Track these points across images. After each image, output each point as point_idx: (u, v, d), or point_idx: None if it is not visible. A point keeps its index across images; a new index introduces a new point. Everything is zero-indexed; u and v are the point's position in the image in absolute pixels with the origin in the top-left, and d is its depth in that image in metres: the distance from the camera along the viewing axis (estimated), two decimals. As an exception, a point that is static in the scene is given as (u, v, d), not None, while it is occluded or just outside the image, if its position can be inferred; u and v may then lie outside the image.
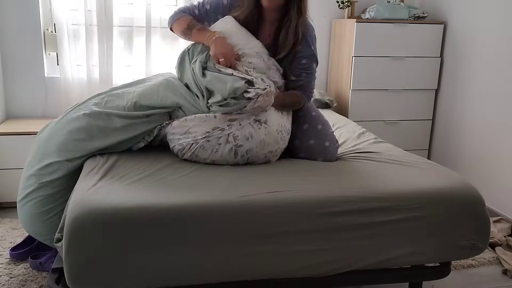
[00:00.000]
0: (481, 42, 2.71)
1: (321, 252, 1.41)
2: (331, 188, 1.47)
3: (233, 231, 1.35)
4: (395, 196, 1.47)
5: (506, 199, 2.54)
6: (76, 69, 2.84)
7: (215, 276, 1.37)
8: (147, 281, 1.32)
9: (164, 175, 1.52)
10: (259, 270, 1.39)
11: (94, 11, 2.77)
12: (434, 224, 1.49)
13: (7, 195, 2.57)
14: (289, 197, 1.41)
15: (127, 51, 2.98)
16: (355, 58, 2.93)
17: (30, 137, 2.53)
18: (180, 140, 1.69)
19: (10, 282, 1.85)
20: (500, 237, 2.29)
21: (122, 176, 1.48)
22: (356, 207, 1.42)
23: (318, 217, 1.40)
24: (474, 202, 1.53)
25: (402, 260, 1.49)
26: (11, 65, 2.80)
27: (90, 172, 1.53)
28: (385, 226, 1.44)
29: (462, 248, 1.54)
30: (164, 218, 1.31)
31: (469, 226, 1.52)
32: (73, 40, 2.81)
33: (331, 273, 1.43)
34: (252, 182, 1.49)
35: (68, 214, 1.31)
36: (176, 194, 1.38)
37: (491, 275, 2.06)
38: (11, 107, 2.86)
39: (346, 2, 3.06)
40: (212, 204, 1.35)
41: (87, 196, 1.35)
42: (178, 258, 1.32)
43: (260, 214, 1.36)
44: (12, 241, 2.17)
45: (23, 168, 1.80)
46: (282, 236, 1.38)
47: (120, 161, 1.63)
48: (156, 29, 2.91)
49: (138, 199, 1.34)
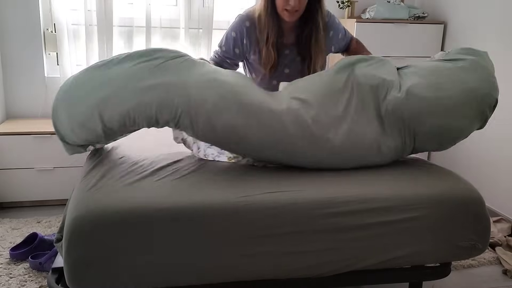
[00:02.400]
0: (481, 42, 2.71)
1: (322, 253, 1.41)
2: (331, 189, 1.47)
3: (233, 232, 1.35)
4: (395, 197, 1.47)
5: (506, 199, 2.54)
6: (76, 69, 2.84)
7: (215, 276, 1.37)
8: (147, 281, 1.32)
9: (164, 175, 1.51)
10: (259, 270, 1.39)
11: (94, 11, 2.77)
12: (434, 225, 1.48)
13: (7, 195, 2.57)
14: (289, 197, 1.41)
15: (127, 51, 2.97)
16: (355, 58, 2.93)
17: (30, 137, 2.53)
18: (219, 157, 1.69)
19: (10, 282, 1.85)
20: (500, 237, 2.29)
21: (122, 176, 1.48)
22: (356, 207, 1.42)
23: (319, 218, 1.40)
24: (474, 202, 1.53)
25: (402, 260, 1.49)
26: (11, 65, 2.80)
27: (90, 172, 1.52)
28: (385, 227, 1.44)
29: (462, 249, 1.53)
30: (164, 218, 1.31)
31: (469, 227, 1.52)
32: (73, 40, 2.81)
33: (331, 273, 1.43)
34: (252, 182, 1.49)
35: (68, 214, 1.32)
36: (176, 194, 1.38)
37: (491, 275, 2.06)
38: (11, 107, 2.86)
39: (346, 2, 3.07)
40: (212, 204, 1.35)
41: (87, 196, 1.35)
42: (178, 258, 1.32)
43: (260, 215, 1.36)
44: (12, 241, 2.17)
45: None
46: (282, 236, 1.38)
47: (120, 161, 1.63)
48: (156, 29, 2.91)
49: (138, 199, 1.34)
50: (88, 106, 1.49)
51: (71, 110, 1.52)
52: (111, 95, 1.49)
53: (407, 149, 1.63)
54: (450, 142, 1.65)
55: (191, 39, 3.00)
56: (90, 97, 1.50)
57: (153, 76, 1.50)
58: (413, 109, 1.57)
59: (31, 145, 2.53)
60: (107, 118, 1.49)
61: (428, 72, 1.64)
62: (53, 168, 2.57)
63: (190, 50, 3.01)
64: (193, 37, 3.01)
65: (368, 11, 3.04)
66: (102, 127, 1.50)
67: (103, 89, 1.50)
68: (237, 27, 1.97)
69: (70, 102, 1.53)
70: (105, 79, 1.51)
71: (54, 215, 2.48)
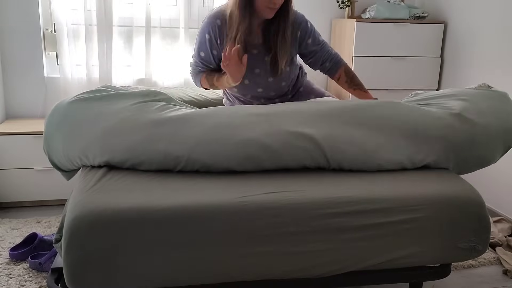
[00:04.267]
0: (481, 42, 2.71)
1: (322, 253, 1.41)
2: (331, 189, 1.47)
3: (233, 232, 1.35)
4: (395, 198, 1.46)
5: (506, 199, 2.54)
6: (75, 69, 2.84)
7: (215, 276, 1.37)
8: (146, 282, 1.32)
9: (163, 175, 1.51)
10: (259, 270, 1.39)
11: (94, 11, 2.77)
12: (434, 226, 1.48)
13: (6, 195, 2.57)
14: (289, 198, 1.40)
15: (126, 51, 2.99)
16: (355, 58, 2.93)
17: (29, 137, 2.53)
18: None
19: (10, 282, 1.85)
20: (500, 237, 2.29)
21: (121, 177, 1.48)
22: (357, 208, 1.42)
23: (319, 218, 1.40)
24: (474, 204, 1.52)
25: (401, 261, 1.48)
26: (11, 65, 2.80)
27: (89, 172, 1.52)
28: (385, 228, 1.44)
29: (462, 250, 1.53)
30: (163, 218, 1.31)
31: (469, 228, 1.52)
32: (72, 40, 2.81)
33: (331, 274, 1.43)
34: (252, 182, 1.49)
35: (67, 215, 1.31)
36: (175, 194, 1.38)
37: (492, 275, 2.06)
38: (11, 107, 2.86)
39: (346, 2, 3.06)
40: (212, 204, 1.35)
41: (86, 197, 1.35)
42: (177, 258, 1.32)
43: (260, 215, 1.36)
44: (12, 241, 2.17)
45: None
46: (282, 237, 1.38)
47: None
48: (156, 29, 2.91)
49: (137, 199, 1.34)
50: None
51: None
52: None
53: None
54: (470, 169, 1.70)
55: (191, 39, 3.00)
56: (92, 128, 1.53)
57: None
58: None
59: (31, 145, 2.53)
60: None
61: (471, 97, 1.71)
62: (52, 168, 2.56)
63: (190, 50, 3.01)
64: (193, 37, 3.00)
65: (368, 10, 3.04)
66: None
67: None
68: (209, 28, 1.91)
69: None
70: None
71: (54, 215, 2.48)
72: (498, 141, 1.65)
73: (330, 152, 1.55)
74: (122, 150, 1.50)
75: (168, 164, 1.50)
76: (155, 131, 1.50)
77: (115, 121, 1.52)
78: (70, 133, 1.54)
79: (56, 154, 1.60)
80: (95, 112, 1.54)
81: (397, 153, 1.60)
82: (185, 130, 1.52)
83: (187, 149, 1.49)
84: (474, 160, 1.66)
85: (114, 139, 1.50)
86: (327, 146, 1.54)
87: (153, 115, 1.55)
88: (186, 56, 2.99)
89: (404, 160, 1.60)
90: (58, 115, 1.57)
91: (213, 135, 1.51)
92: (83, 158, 1.54)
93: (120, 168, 1.54)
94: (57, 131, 1.56)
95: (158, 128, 1.51)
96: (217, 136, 1.51)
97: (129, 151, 1.49)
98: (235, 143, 1.50)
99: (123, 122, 1.51)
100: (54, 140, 1.58)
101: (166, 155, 1.49)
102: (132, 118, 1.52)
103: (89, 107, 1.56)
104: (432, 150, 1.62)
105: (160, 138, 1.49)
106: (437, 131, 1.61)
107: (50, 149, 1.61)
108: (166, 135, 1.50)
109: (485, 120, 1.63)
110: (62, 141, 1.55)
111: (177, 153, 1.49)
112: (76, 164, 1.59)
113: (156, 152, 1.49)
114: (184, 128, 1.52)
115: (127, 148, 1.49)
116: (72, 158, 1.57)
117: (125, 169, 1.53)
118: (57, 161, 1.63)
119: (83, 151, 1.52)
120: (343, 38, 3.06)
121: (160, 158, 1.49)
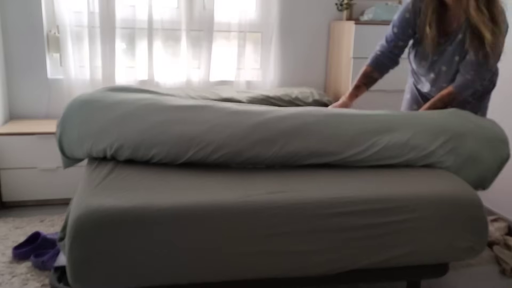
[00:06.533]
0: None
1: (322, 252, 1.42)
2: (332, 189, 1.48)
3: (233, 231, 1.36)
4: (395, 198, 1.48)
5: (503, 199, 2.55)
6: (79, 70, 2.87)
7: (216, 276, 1.38)
8: (148, 280, 1.33)
9: (165, 175, 1.53)
10: (259, 269, 1.40)
11: (97, 13, 2.79)
12: (432, 226, 1.49)
13: (10, 194, 2.59)
14: (289, 198, 1.42)
15: (129, 52, 3.01)
16: (353, 59, 2.95)
17: (33, 137, 2.56)
18: None
19: (13, 280, 1.86)
20: (497, 236, 2.30)
21: (124, 177, 1.49)
22: (357, 208, 1.43)
23: (319, 218, 1.41)
24: (472, 204, 1.53)
25: (400, 260, 1.49)
26: (15, 66, 2.83)
27: (93, 172, 1.54)
28: (384, 227, 1.45)
29: (460, 250, 1.53)
30: (165, 218, 1.32)
31: (467, 228, 1.52)
32: (76, 41, 2.84)
33: (330, 272, 1.44)
34: (253, 182, 1.50)
35: (71, 214, 1.33)
36: (176, 194, 1.39)
37: (489, 274, 2.07)
38: (15, 107, 2.89)
39: (344, 4, 3.09)
40: (212, 204, 1.36)
41: (90, 196, 1.36)
42: (178, 257, 1.33)
43: (260, 215, 1.37)
44: (15, 240, 2.18)
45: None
46: (282, 236, 1.39)
47: (122, 162, 1.65)
48: (158, 31, 2.93)
49: (139, 199, 1.35)
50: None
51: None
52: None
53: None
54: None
55: (192, 41, 3.03)
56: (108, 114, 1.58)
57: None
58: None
59: (35, 145, 2.56)
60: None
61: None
62: (56, 167, 2.60)
63: (191, 52, 3.04)
64: (194, 39, 3.03)
65: (367, 13, 3.06)
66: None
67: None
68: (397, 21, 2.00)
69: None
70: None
71: (57, 214, 2.50)
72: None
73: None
74: (137, 132, 1.54)
75: (181, 147, 1.54)
76: (175, 114, 1.59)
77: (136, 106, 1.60)
78: (89, 115, 1.58)
79: (69, 135, 1.60)
80: (117, 99, 1.62)
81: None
82: (204, 114, 1.60)
83: (203, 130, 1.55)
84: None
85: (132, 122, 1.56)
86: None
87: (174, 101, 1.65)
88: (188, 58, 3.02)
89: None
90: (80, 101, 1.63)
91: (230, 119, 1.59)
92: (96, 141, 1.56)
93: (125, 165, 1.56)
94: (77, 112, 1.60)
95: (178, 112, 1.59)
96: (233, 119, 1.59)
97: (144, 132, 1.54)
98: (248, 126, 1.58)
99: (144, 107, 1.60)
100: (71, 121, 1.60)
101: (181, 136, 1.54)
102: (152, 103, 1.61)
103: (112, 96, 1.64)
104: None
105: (178, 121, 1.57)
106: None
107: (63, 130, 1.62)
108: (184, 118, 1.58)
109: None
110: (79, 123, 1.58)
111: (192, 135, 1.54)
112: (86, 148, 1.59)
113: (171, 134, 1.54)
114: (202, 112, 1.61)
115: (143, 130, 1.54)
116: (84, 140, 1.58)
117: (130, 166, 1.55)
118: (66, 143, 1.63)
119: (99, 133, 1.55)
120: (341, 40, 3.08)
121: (174, 140, 1.54)
